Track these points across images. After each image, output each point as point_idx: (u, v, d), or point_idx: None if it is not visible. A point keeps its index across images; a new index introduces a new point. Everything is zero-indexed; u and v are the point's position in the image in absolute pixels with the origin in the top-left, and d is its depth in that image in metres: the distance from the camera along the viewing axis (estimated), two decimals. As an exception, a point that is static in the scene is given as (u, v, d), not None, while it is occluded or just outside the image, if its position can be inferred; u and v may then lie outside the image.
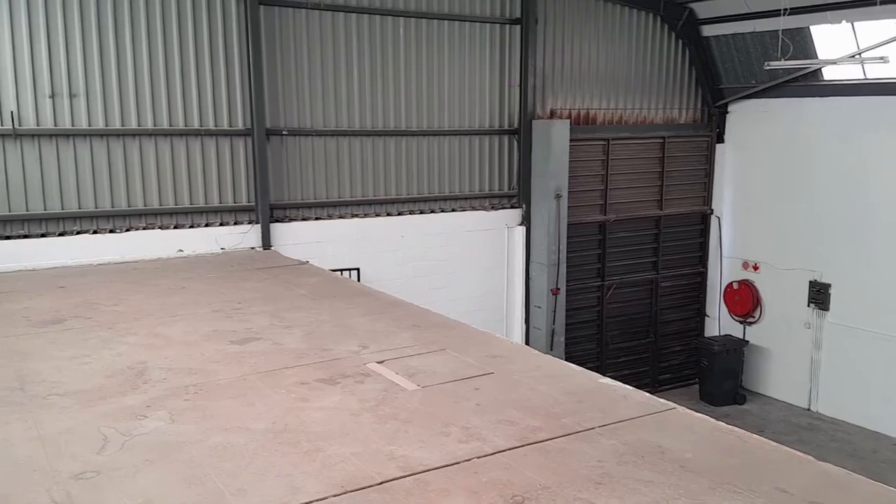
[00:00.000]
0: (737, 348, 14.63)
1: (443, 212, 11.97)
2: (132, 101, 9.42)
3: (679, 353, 15.45)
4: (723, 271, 15.40)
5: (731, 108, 14.95)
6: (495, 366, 5.41)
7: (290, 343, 5.98)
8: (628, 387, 5.03)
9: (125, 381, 5.08)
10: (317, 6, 10.43)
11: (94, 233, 9.38)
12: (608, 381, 5.20)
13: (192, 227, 9.97)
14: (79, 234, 9.29)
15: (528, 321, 12.84)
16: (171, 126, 9.70)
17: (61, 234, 9.22)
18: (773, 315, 14.62)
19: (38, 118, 8.95)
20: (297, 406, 4.64)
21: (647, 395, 4.91)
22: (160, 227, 9.77)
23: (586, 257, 13.89)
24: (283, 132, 10.47)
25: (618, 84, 13.63)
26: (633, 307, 14.72)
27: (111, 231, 9.48)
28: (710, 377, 14.54)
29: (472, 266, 12.27)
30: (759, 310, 14.84)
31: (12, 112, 8.77)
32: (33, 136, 8.95)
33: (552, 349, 12.33)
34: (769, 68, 12.62)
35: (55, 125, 9.04)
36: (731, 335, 15.07)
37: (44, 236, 9.14)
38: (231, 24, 9.91)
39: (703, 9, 13.92)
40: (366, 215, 11.30)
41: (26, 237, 9.05)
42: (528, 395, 4.83)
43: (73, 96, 9.10)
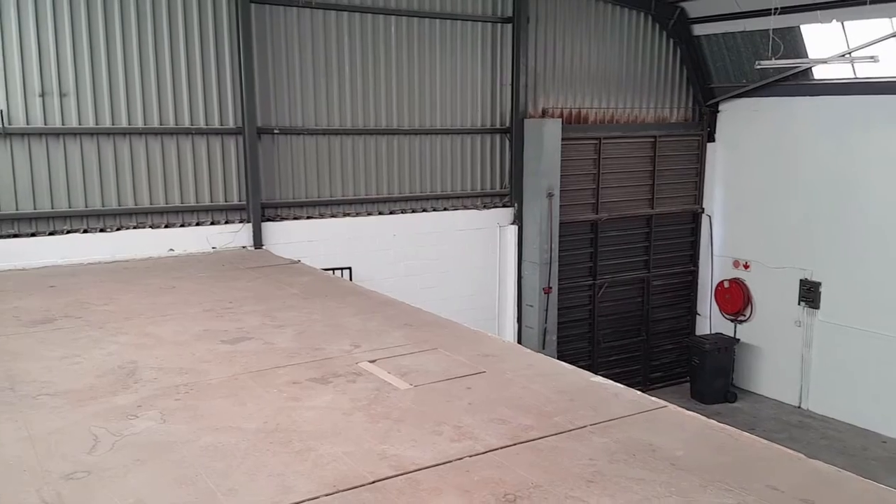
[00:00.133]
0: (728, 346, 14.68)
1: (435, 211, 11.97)
2: (122, 99, 9.40)
3: (670, 352, 15.50)
4: (714, 270, 15.46)
5: (721, 107, 15.00)
6: (487, 365, 5.41)
7: (282, 342, 5.96)
8: (620, 385, 5.04)
9: (116, 380, 5.05)
10: (307, 4, 10.41)
11: (85, 232, 9.34)
12: (600, 379, 5.21)
13: (182, 226, 9.95)
14: (69, 233, 9.26)
15: (520, 320, 12.86)
16: (161, 125, 9.68)
17: (51, 234, 9.18)
18: (764, 313, 14.68)
19: (28, 117, 8.92)
20: (289, 405, 4.63)
21: (639, 393, 4.93)
22: (151, 227, 9.75)
23: (578, 256, 13.92)
24: (275, 131, 10.45)
25: (609, 83, 13.66)
26: (624, 306, 14.76)
27: (101, 230, 9.45)
28: (702, 375, 14.60)
29: (465, 265, 12.28)
30: (749, 308, 14.90)
31: (2, 111, 8.73)
32: (23, 134, 8.91)
33: (544, 348, 12.34)
34: (760, 67, 12.67)
35: (45, 124, 9.00)
36: (721, 333, 15.12)
37: (34, 235, 9.10)
38: (222, 23, 9.89)
39: (694, 8, 13.96)
40: (358, 214, 11.29)
41: (16, 236, 9.02)
42: (519, 394, 4.83)
43: (63, 95, 9.06)
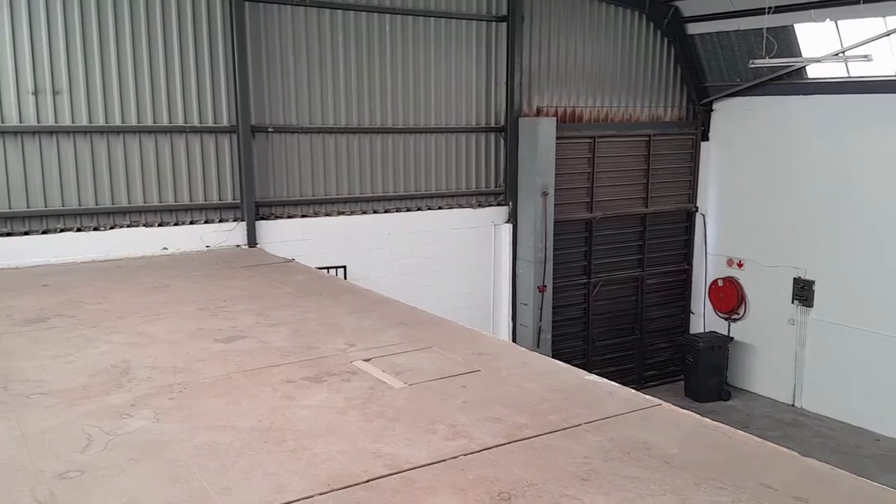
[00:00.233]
0: (721, 345, 14.72)
1: (429, 209, 11.96)
2: (116, 97, 9.36)
3: (664, 350, 15.53)
4: (708, 268, 15.49)
5: (715, 105, 15.02)
6: (482, 363, 5.42)
7: (276, 341, 5.95)
8: (614, 383, 5.05)
9: (109, 379, 5.04)
10: (301, 2, 10.39)
11: (78, 230, 9.31)
12: (594, 377, 5.22)
13: (176, 224, 9.92)
14: (62, 231, 9.22)
15: (514, 318, 12.87)
16: (155, 123, 9.65)
17: (45, 232, 9.14)
18: (758, 312, 14.72)
19: (21, 115, 8.87)
20: (283, 404, 4.63)
21: (633, 391, 4.94)
22: (144, 225, 9.72)
23: (573, 255, 13.93)
24: (269, 129, 10.43)
25: (604, 82, 13.67)
26: (619, 304, 14.78)
27: (95, 229, 9.41)
28: (695, 374, 14.62)
29: (459, 263, 12.27)
30: (743, 306, 14.94)
31: (-6, 109, 8.71)
32: (16, 133, 8.86)
33: (539, 346, 12.35)
34: (754, 66, 12.70)
35: (38, 122, 8.96)
36: (715, 332, 15.15)
37: (27, 234, 9.06)
38: (216, 21, 9.85)
39: (688, 7, 13.98)
40: (352, 213, 11.28)
41: (9, 235, 8.97)
42: (514, 393, 4.84)
43: (56, 93, 9.02)
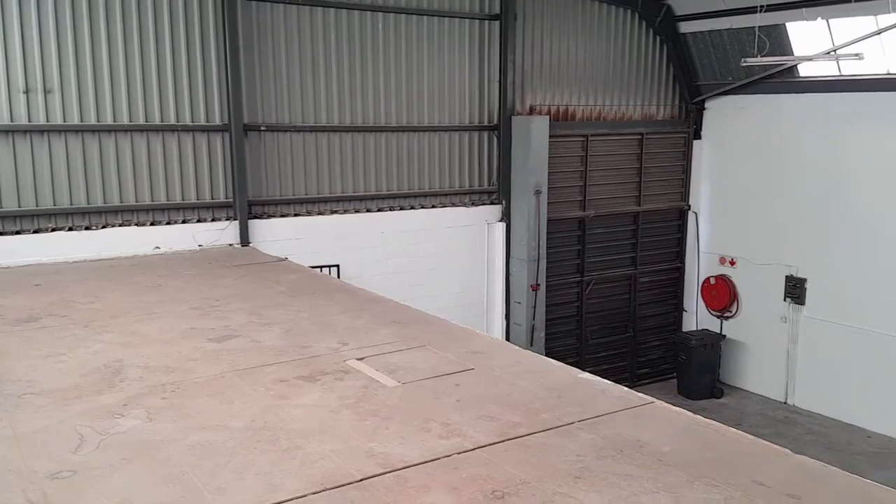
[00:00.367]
0: (714, 343, 14.76)
1: (423, 208, 11.95)
2: (108, 96, 9.32)
3: (657, 348, 15.56)
4: (700, 266, 15.53)
5: (708, 104, 15.06)
6: (475, 362, 5.42)
7: (269, 340, 5.94)
8: (607, 381, 5.06)
9: (101, 379, 5.02)
10: (294, 0, 10.36)
11: (70, 230, 9.26)
12: (587, 375, 5.23)
13: (168, 223, 9.88)
14: (54, 231, 9.17)
15: (508, 317, 12.87)
16: (147, 122, 9.61)
17: (36, 232, 9.09)
18: (750, 309, 14.77)
19: (12, 114, 8.81)
20: (276, 404, 4.62)
21: (626, 389, 4.95)
22: (136, 224, 9.68)
23: (566, 253, 13.94)
24: (261, 128, 10.40)
25: (596, 80, 13.68)
26: (611, 302, 14.81)
27: (87, 228, 9.37)
28: (688, 371, 14.66)
29: (453, 262, 12.27)
30: (735, 304, 14.98)
31: (-15, 107, 8.66)
32: (7, 132, 8.81)
33: (532, 345, 12.36)
34: (746, 65, 12.73)
35: (29, 121, 8.91)
36: (708, 330, 15.19)
37: (18, 233, 9.01)
38: (208, 18, 9.82)
39: (680, 5, 14.00)
40: (345, 212, 11.26)
41: (1, 234, 8.91)
42: (508, 391, 4.84)
43: (47, 92, 8.97)
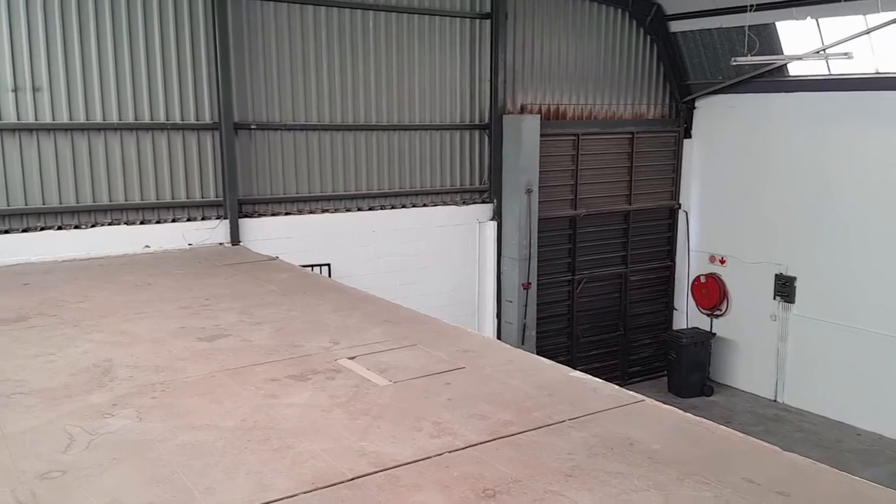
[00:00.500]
0: (704, 341, 14.82)
1: (414, 207, 11.94)
2: (97, 94, 9.27)
3: (648, 346, 15.61)
4: (690, 265, 15.58)
5: (698, 103, 15.10)
6: (467, 360, 5.42)
7: (260, 340, 5.92)
8: (598, 380, 5.07)
9: (91, 379, 5.00)
10: (285, -1, 10.35)
11: (59, 229, 9.22)
12: (578, 374, 5.24)
13: (158, 222, 9.84)
14: (43, 230, 9.12)
15: (499, 315, 12.88)
16: (136, 120, 9.56)
17: (25, 231, 9.04)
18: (740, 308, 14.83)
19: (1, 112, 8.75)
20: (267, 403, 4.61)
21: (617, 387, 4.95)
22: (126, 223, 9.64)
23: (557, 252, 13.96)
24: (252, 126, 10.37)
25: (587, 79, 13.70)
26: (602, 301, 14.84)
27: (76, 227, 9.33)
28: (678, 369, 14.72)
29: (444, 261, 12.27)
30: (725, 303, 15.04)
31: (-27, 106, 8.60)
32: (-5, 130, 8.77)
33: (523, 343, 12.37)
34: (736, 64, 12.76)
35: (18, 119, 8.85)
36: (698, 328, 15.25)
37: (7, 233, 8.95)
38: (198, 17, 9.78)
39: (670, 4, 14.04)
40: (336, 210, 11.24)
41: (-11, 233, 8.89)
42: (499, 390, 4.84)
43: (36, 90, 8.92)
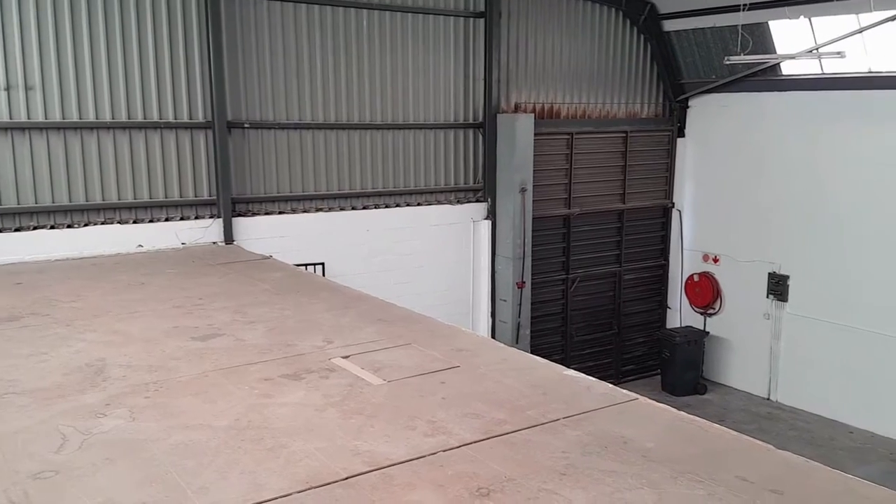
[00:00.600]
0: (697, 339, 14.84)
1: (408, 206, 11.94)
2: (89, 93, 9.23)
3: (641, 345, 15.63)
4: (684, 264, 15.61)
5: (691, 102, 15.12)
6: (461, 359, 5.42)
7: (253, 339, 5.91)
8: (592, 378, 5.08)
9: (84, 378, 4.98)
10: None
11: (52, 228, 9.18)
12: (572, 373, 5.25)
13: (151, 221, 9.81)
14: (35, 229, 9.08)
15: (493, 314, 12.88)
16: (129, 119, 9.53)
17: (17, 230, 9.00)
18: (733, 306, 14.86)
19: (-8, 111, 8.74)
20: (261, 402, 4.60)
21: (610, 386, 4.97)
22: (119, 222, 9.61)
23: (551, 251, 13.97)
24: (245, 125, 10.35)
25: (581, 79, 13.71)
26: (596, 300, 14.86)
27: (69, 226, 9.29)
28: (672, 368, 14.74)
29: (438, 260, 12.27)
30: (719, 301, 15.08)
31: (-35, 105, 8.56)
32: (-13, 129, 8.74)
33: (518, 342, 12.38)
34: (729, 63, 12.79)
35: (10, 118, 8.81)
36: (692, 326, 15.28)
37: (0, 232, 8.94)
38: (191, 14, 9.75)
39: (664, 4, 14.05)
40: (330, 209, 11.22)
41: (-19, 233, 8.84)
42: (493, 388, 4.85)
43: (28, 89, 8.88)
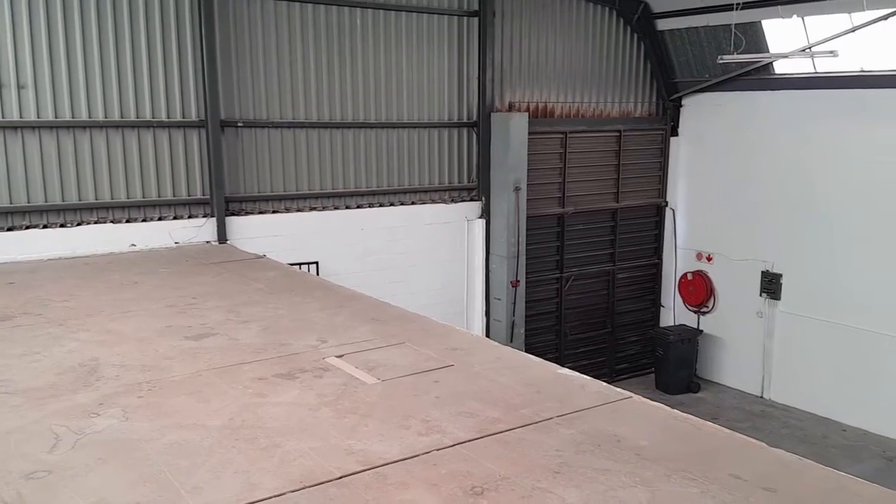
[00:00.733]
0: (691, 338, 14.88)
1: (402, 205, 11.93)
2: (82, 91, 9.19)
3: (635, 343, 15.66)
4: (677, 262, 15.64)
5: (685, 101, 15.15)
6: (455, 358, 5.42)
7: (247, 338, 5.90)
8: (586, 377, 5.09)
9: (77, 378, 4.97)
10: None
11: (44, 227, 9.14)
12: (566, 371, 5.25)
13: (144, 220, 9.78)
14: (28, 228, 9.05)
15: (488, 313, 12.89)
16: (122, 118, 9.49)
17: (10, 230, 8.96)
18: (727, 305, 14.90)
19: (-16, 110, 8.71)
20: (255, 402, 4.59)
21: (604, 384, 4.97)
22: (112, 221, 9.57)
23: (545, 249, 13.98)
24: (238, 124, 10.32)
25: (575, 78, 13.72)
26: (590, 298, 14.87)
27: (62, 225, 9.26)
28: (666, 366, 14.78)
29: (433, 259, 12.26)
30: (712, 300, 15.11)
31: (-44, 103, 8.53)
32: (-22, 128, 8.70)
33: (512, 341, 12.38)
34: (722, 62, 12.82)
35: (3, 117, 8.77)
36: (685, 325, 15.32)
37: (-9, 231, 8.90)
38: (184, 13, 9.72)
39: (657, 3, 14.08)
40: (324, 208, 11.21)
41: (-28, 232, 8.80)
42: (487, 387, 4.85)
43: (21, 87, 8.84)
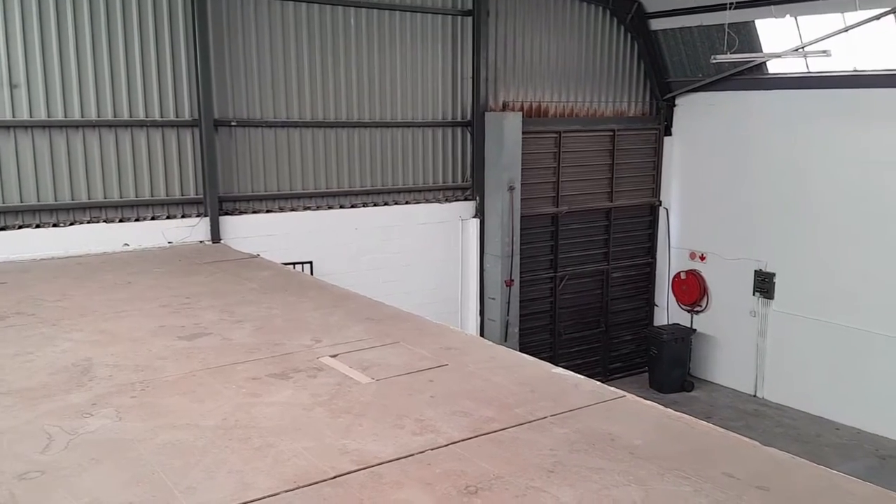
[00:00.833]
0: (685, 337, 14.90)
1: (396, 204, 11.92)
2: (75, 91, 9.17)
3: (629, 343, 15.69)
4: (671, 261, 15.68)
5: (678, 101, 15.18)
6: (449, 357, 5.42)
7: (241, 338, 5.89)
8: (580, 376, 5.10)
9: (70, 378, 4.95)
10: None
11: (37, 227, 9.12)
12: (560, 370, 5.26)
13: (138, 220, 9.75)
14: (21, 228, 9.02)
15: (482, 313, 12.90)
16: (115, 117, 9.47)
17: (2, 229, 8.93)
18: (720, 304, 14.94)
19: (-24, 109, 8.67)
20: (248, 402, 4.59)
21: (598, 383, 4.98)
22: (105, 221, 9.55)
23: (539, 249, 14.00)
24: (232, 123, 10.30)
25: (569, 77, 13.74)
26: (584, 298, 14.89)
27: (54, 225, 9.23)
28: (659, 365, 14.81)
29: (427, 258, 12.26)
30: (705, 299, 15.15)
31: (-52, 102, 8.49)
32: (-29, 127, 8.66)
33: (506, 340, 12.40)
34: (716, 62, 12.85)
35: (-6, 116, 8.77)
36: (679, 324, 15.35)
37: (-17, 231, 8.86)
38: (177, 12, 9.70)
39: (651, 2, 14.10)
40: (318, 208, 11.20)
41: (-35, 232, 8.77)
42: (481, 387, 4.85)
43: (13, 87, 8.81)
